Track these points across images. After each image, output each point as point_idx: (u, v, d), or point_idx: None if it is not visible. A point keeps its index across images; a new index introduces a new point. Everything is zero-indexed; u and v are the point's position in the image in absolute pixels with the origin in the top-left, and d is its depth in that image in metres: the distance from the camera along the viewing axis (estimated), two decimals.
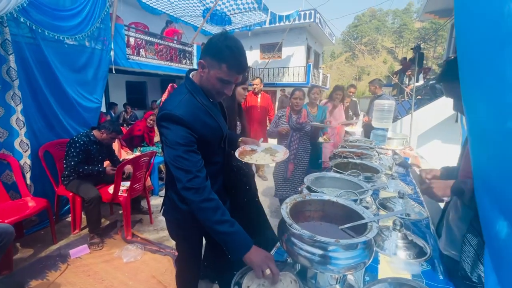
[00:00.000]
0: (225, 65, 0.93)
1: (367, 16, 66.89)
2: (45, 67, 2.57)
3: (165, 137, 0.97)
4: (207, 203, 0.92)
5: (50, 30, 2.53)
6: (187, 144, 0.95)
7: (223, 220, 0.91)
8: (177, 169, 0.94)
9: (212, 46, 0.94)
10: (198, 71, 1.02)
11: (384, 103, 3.15)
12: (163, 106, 1.00)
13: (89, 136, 2.52)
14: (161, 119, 0.97)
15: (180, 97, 1.01)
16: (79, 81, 2.93)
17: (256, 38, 12.86)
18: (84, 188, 2.43)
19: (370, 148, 2.20)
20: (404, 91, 7.44)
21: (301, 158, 2.58)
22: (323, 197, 0.95)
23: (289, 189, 2.56)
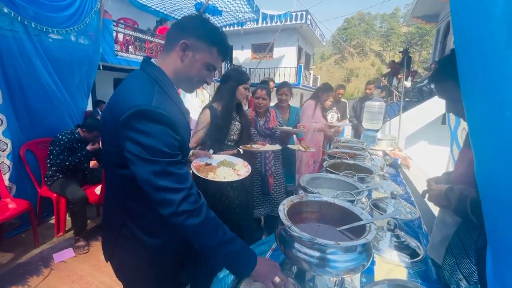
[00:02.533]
0: (216, 49, 0.81)
1: (356, 19, 68.25)
2: (28, 62, 2.43)
3: (140, 145, 0.69)
4: (206, 225, 0.72)
5: (37, 22, 2.40)
6: (173, 153, 0.72)
7: (225, 240, 0.73)
8: (161, 190, 0.69)
9: (199, 25, 0.79)
10: (175, 54, 0.80)
11: (375, 104, 3.21)
12: (126, 100, 0.71)
13: (73, 133, 2.42)
14: (134, 118, 0.68)
15: (149, 88, 0.75)
16: (65, 78, 2.80)
17: (248, 38, 12.86)
18: (69, 189, 2.32)
19: (362, 148, 2.22)
20: (393, 93, 7.63)
21: (278, 167, 2.20)
22: (320, 198, 0.94)
23: (270, 205, 2.19)
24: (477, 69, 0.44)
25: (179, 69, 0.82)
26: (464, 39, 0.47)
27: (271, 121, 2.15)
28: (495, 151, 0.42)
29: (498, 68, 0.40)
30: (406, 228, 1.27)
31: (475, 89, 0.46)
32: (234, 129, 1.71)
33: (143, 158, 0.69)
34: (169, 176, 0.70)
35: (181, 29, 0.79)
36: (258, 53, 13.44)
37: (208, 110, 1.64)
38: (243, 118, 1.79)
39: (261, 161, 2.10)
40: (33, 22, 2.37)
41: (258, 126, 2.10)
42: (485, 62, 0.42)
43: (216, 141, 1.63)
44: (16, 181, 2.41)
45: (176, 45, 0.79)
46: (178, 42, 0.78)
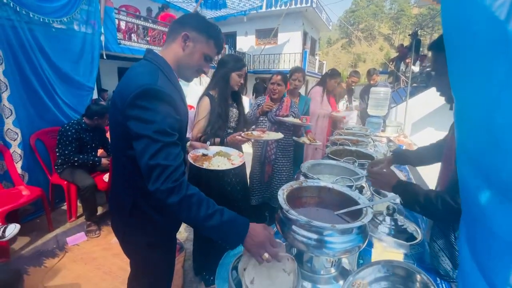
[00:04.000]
0: (212, 42, 0.92)
1: (365, 1, 65.36)
2: (33, 51, 2.45)
3: (144, 121, 0.75)
4: (187, 200, 0.74)
5: (35, 12, 2.40)
6: (172, 132, 0.78)
7: (210, 213, 0.75)
8: (152, 167, 0.73)
9: (198, 21, 0.90)
10: (177, 45, 0.89)
11: (380, 90, 3.15)
12: (133, 81, 0.79)
13: (80, 124, 2.47)
14: (140, 97, 0.75)
15: (153, 72, 0.83)
16: (69, 67, 2.82)
17: (252, 23, 12.52)
18: (79, 177, 2.40)
19: (365, 135, 2.22)
20: (400, 78, 7.43)
21: (281, 158, 2.13)
22: (319, 184, 0.96)
23: (267, 194, 2.18)
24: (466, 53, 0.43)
25: (180, 58, 0.91)
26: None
27: (283, 109, 2.10)
28: (476, 122, 0.42)
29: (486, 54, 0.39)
30: (405, 212, 1.28)
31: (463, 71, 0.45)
32: (232, 116, 1.70)
33: (144, 135, 0.74)
34: (163, 154, 0.74)
35: (183, 23, 0.90)
36: (262, 39, 13.13)
37: (207, 97, 1.63)
38: (240, 106, 1.78)
39: (263, 148, 2.11)
40: (31, 12, 2.37)
41: (269, 113, 2.08)
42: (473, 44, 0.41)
43: (219, 129, 1.63)
44: (28, 169, 2.49)
45: (178, 37, 0.90)
46: (180, 34, 0.89)
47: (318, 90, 2.91)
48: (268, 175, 2.11)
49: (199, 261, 1.89)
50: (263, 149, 2.10)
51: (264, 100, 2.19)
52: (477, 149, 0.41)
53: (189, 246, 2.21)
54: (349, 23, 58.83)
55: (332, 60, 58.02)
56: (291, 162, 2.22)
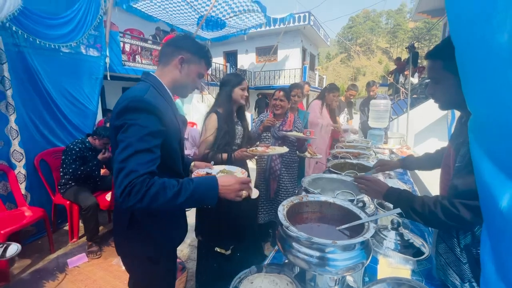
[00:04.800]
0: (203, 61, 1.02)
1: (361, 17, 67.54)
2: (39, 75, 2.56)
3: (124, 131, 0.78)
4: (149, 193, 0.73)
5: (41, 39, 2.53)
6: (152, 140, 0.80)
7: (177, 190, 0.76)
8: (117, 171, 0.75)
9: (191, 44, 0.99)
10: (173, 66, 0.96)
11: (380, 103, 3.17)
12: (123, 98, 0.85)
13: (84, 142, 2.51)
14: (126, 108, 0.80)
15: (144, 88, 0.89)
16: (74, 89, 2.92)
17: (252, 42, 12.95)
18: (81, 196, 2.41)
19: (367, 148, 2.21)
20: (399, 90, 7.50)
21: (285, 174, 2.11)
22: (320, 199, 0.95)
23: (273, 211, 2.14)
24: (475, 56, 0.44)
25: (177, 78, 0.99)
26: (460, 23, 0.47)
27: (286, 125, 2.11)
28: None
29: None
30: (411, 226, 1.25)
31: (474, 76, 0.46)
32: (237, 133, 1.73)
33: (122, 140, 0.78)
34: (129, 161, 0.75)
35: (177, 47, 0.97)
36: (263, 56, 13.50)
37: (214, 114, 1.66)
38: (244, 122, 1.81)
39: (267, 164, 2.08)
40: (38, 38, 2.50)
41: (273, 128, 2.09)
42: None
43: (226, 145, 1.65)
44: (31, 190, 2.51)
45: (173, 59, 0.97)
46: (176, 56, 0.96)
47: (317, 103, 2.96)
48: (273, 191, 2.09)
49: (202, 282, 1.84)
50: (267, 165, 2.08)
51: (267, 116, 2.20)
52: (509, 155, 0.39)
53: (191, 265, 2.16)
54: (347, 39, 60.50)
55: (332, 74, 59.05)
56: (295, 178, 2.20)
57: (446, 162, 0.91)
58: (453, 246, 0.81)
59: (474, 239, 0.77)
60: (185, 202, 0.77)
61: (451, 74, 0.77)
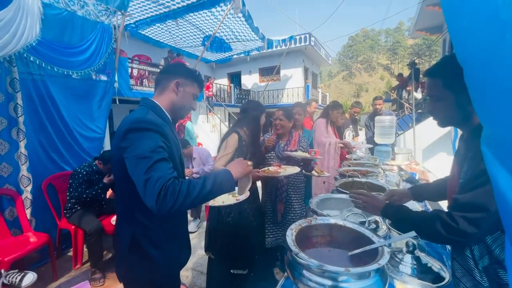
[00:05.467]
0: (196, 84, 1.10)
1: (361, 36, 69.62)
2: (50, 101, 2.66)
3: (134, 149, 0.83)
4: (182, 191, 0.80)
5: (59, 67, 2.67)
6: (163, 152, 0.86)
7: (202, 182, 0.85)
8: (146, 180, 0.79)
9: (183, 69, 1.08)
10: (170, 92, 1.04)
11: (385, 119, 3.16)
12: (126, 120, 0.91)
13: (91, 166, 2.54)
14: (130, 129, 0.86)
15: (144, 111, 0.96)
16: (83, 113, 3.01)
17: (255, 63, 13.41)
18: (86, 220, 2.39)
19: (374, 165, 2.18)
20: (403, 106, 7.51)
21: (293, 195, 2.07)
22: (329, 221, 0.92)
23: (281, 235, 2.07)
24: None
25: (176, 101, 1.05)
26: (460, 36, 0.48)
27: (291, 145, 2.07)
28: None
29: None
30: (427, 248, 1.19)
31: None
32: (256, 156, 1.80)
33: (135, 156, 0.83)
34: (153, 169, 0.81)
35: (173, 73, 1.06)
36: (266, 76, 13.87)
37: (236, 135, 1.73)
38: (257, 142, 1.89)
39: (273, 186, 2.01)
40: (55, 66, 2.63)
41: (276, 148, 2.06)
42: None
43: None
44: (36, 215, 2.51)
45: (170, 84, 1.04)
46: (172, 81, 1.04)
47: (322, 122, 2.96)
48: (281, 214, 2.03)
49: None
50: (273, 187, 2.02)
51: (271, 136, 2.17)
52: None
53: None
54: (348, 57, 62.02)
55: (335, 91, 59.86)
56: (303, 198, 2.15)
57: (451, 179, 0.89)
58: (470, 268, 0.76)
59: (491, 259, 0.72)
60: (212, 189, 0.86)
61: (451, 93, 0.78)
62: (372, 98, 4.11)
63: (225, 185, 0.90)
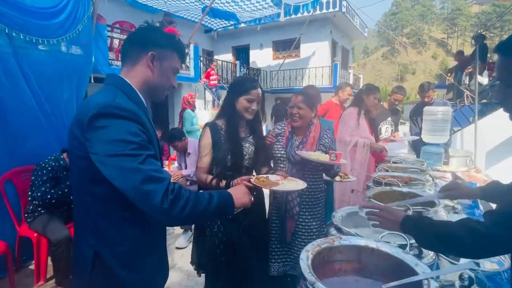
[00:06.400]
0: (177, 54, 1.07)
1: (408, 1, 67.91)
2: (12, 79, 2.70)
3: (108, 142, 0.83)
4: (191, 199, 0.88)
5: (26, 33, 2.70)
6: (144, 144, 0.87)
7: (208, 198, 0.94)
8: (142, 183, 0.82)
9: (159, 36, 1.03)
10: (143, 66, 1.01)
11: (437, 110, 3.08)
12: (88, 105, 0.89)
13: (58, 160, 2.60)
14: (98, 117, 0.84)
15: (111, 92, 0.94)
16: (51, 94, 3.06)
17: (268, 34, 13.28)
18: (52, 227, 2.45)
19: (421, 171, 2.14)
20: (463, 93, 7.30)
21: (308, 209, 1.99)
22: (358, 242, 0.92)
23: (290, 260, 2.01)
24: None
25: (150, 79, 1.03)
26: None
27: (308, 143, 1.96)
28: None
29: None
30: (489, 283, 1.15)
31: None
32: (246, 153, 1.71)
33: (116, 155, 0.82)
34: (147, 167, 0.83)
35: (144, 42, 1.02)
36: (281, 51, 13.78)
37: (208, 128, 1.68)
38: (257, 138, 1.78)
39: (282, 197, 1.94)
40: (22, 33, 2.67)
41: (288, 147, 1.94)
42: None
43: (230, 168, 1.64)
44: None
45: (141, 57, 1.00)
46: (145, 54, 1.00)
47: (352, 113, 2.86)
48: (290, 233, 1.94)
49: None
50: (282, 199, 1.94)
51: (284, 127, 2.09)
52: None
53: None
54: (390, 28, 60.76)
55: (371, 73, 58.98)
56: (323, 214, 2.06)
57: None
58: None
59: None
60: (215, 209, 0.94)
61: None
62: (419, 86, 3.96)
63: (227, 209, 1.00)
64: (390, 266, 0.85)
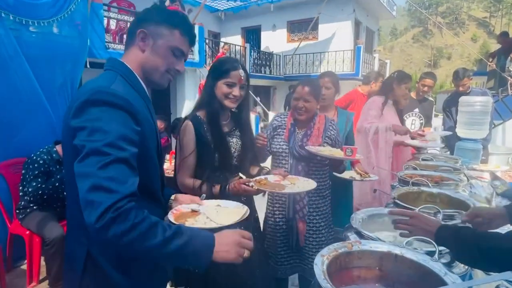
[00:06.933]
0: (178, 31, 1.02)
1: None
2: (2, 63, 2.77)
3: (88, 131, 0.82)
4: (140, 229, 0.78)
5: (16, 14, 2.76)
6: (127, 144, 0.85)
7: (169, 236, 0.81)
8: (96, 189, 0.77)
9: (155, 13, 1.03)
10: (136, 47, 1.01)
11: (475, 101, 3.02)
12: (82, 91, 0.91)
13: (51, 153, 2.67)
14: (87, 103, 0.85)
15: (109, 77, 0.95)
16: (44, 80, 3.13)
17: (281, 14, 13.16)
18: (45, 224, 2.53)
19: (454, 169, 2.12)
20: (506, 81, 7.12)
21: (316, 208, 2.01)
22: (380, 248, 0.92)
23: (298, 262, 2.04)
24: None
25: (142, 61, 1.02)
26: None
27: (312, 136, 1.96)
28: None
29: None
30: None
31: None
32: (233, 149, 1.67)
33: (84, 146, 0.80)
34: (108, 173, 0.79)
35: (137, 21, 1.03)
36: (297, 33, 13.67)
37: (189, 122, 1.59)
38: (245, 133, 1.72)
39: (288, 197, 1.95)
40: (11, 13, 2.73)
41: (291, 142, 1.95)
42: None
43: (218, 169, 1.59)
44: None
45: (134, 38, 1.01)
46: (136, 33, 1.00)
47: (375, 101, 2.85)
48: (303, 237, 1.96)
49: None
50: (289, 199, 1.96)
51: (284, 119, 2.08)
52: None
53: None
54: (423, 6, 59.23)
55: (399, 57, 57.84)
56: (329, 212, 2.10)
57: None
58: None
59: None
60: (173, 253, 0.82)
61: None
62: (453, 73, 3.88)
63: (195, 258, 0.85)
64: (415, 274, 0.86)
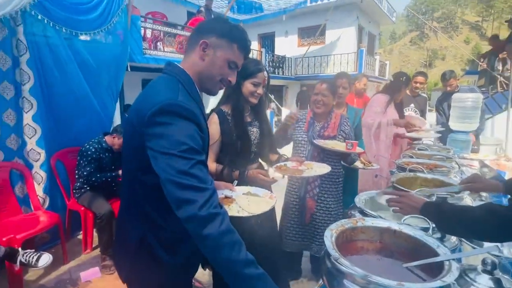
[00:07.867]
0: (236, 46, 0.98)
1: None
2: (60, 68, 2.87)
3: (166, 139, 0.81)
4: (229, 235, 0.76)
5: (67, 27, 2.85)
6: (199, 150, 0.84)
7: (250, 259, 0.77)
8: (185, 188, 0.77)
9: (217, 26, 0.98)
10: (196, 55, 0.97)
11: (467, 97, 2.91)
12: (151, 98, 0.88)
13: (101, 142, 2.76)
14: (160, 114, 0.83)
15: (173, 86, 0.92)
16: (93, 82, 3.22)
17: (293, 21, 12.93)
18: (96, 202, 2.65)
19: (447, 158, 2.07)
20: (495, 80, 6.79)
21: (327, 191, 2.06)
22: (381, 224, 0.92)
23: (307, 240, 2.08)
24: None
25: (200, 69, 0.98)
26: None
27: (329, 128, 2.05)
28: None
29: None
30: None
31: None
32: (253, 138, 1.67)
33: (169, 153, 0.80)
34: (194, 174, 0.79)
35: (201, 30, 0.99)
36: (307, 38, 13.40)
37: (215, 115, 1.60)
38: (263, 124, 1.72)
39: (302, 180, 2.01)
40: (64, 26, 2.81)
41: (310, 132, 2.03)
42: None
43: (239, 156, 1.60)
44: (47, 193, 2.84)
45: (196, 46, 0.97)
46: (198, 42, 0.96)
47: (380, 99, 2.79)
48: (310, 215, 2.01)
49: None
50: (303, 181, 2.01)
51: (305, 114, 2.14)
52: None
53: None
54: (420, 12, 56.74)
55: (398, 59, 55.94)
56: (340, 197, 2.13)
57: None
58: None
59: None
60: (248, 278, 0.75)
61: None
62: (441, 75, 3.79)
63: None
64: (412, 247, 0.85)
